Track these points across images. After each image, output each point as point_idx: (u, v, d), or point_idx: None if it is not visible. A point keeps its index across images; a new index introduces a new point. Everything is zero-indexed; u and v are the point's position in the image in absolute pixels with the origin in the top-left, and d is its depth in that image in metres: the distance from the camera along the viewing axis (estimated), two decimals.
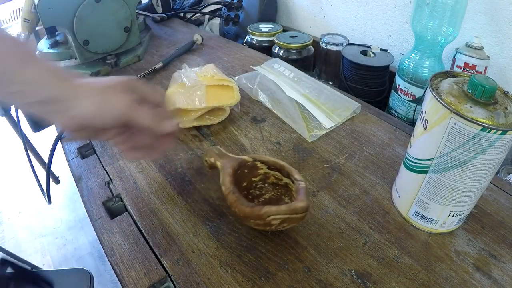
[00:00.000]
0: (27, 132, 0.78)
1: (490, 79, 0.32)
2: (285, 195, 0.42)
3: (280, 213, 0.36)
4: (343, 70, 0.71)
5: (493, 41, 0.61)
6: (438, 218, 0.39)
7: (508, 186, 0.46)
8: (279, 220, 0.36)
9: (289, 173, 0.41)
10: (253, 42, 0.88)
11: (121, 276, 0.37)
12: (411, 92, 0.62)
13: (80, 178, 0.50)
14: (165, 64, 0.76)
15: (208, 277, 0.37)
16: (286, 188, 0.42)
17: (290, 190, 0.41)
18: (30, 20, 0.67)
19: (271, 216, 0.35)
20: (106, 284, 1.18)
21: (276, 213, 0.35)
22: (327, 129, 0.56)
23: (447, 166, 0.35)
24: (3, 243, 1.34)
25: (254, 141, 0.55)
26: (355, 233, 0.41)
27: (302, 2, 0.96)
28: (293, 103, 0.61)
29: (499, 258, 0.38)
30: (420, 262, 0.37)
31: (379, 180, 0.47)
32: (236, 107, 0.61)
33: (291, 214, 0.36)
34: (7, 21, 1.89)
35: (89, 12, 0.69)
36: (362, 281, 0.36)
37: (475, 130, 0.31)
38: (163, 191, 0.47)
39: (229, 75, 0.70)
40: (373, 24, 0.81)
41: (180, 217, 0.43)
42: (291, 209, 0.36)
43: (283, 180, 0.42)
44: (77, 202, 1.46)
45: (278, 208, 0.36)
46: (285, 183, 0.42)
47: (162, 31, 0.97)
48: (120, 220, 0.43)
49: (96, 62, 0.76)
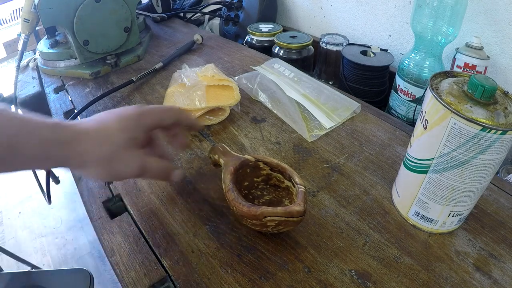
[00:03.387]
0: None
1: (490, 79, 0.32)
2: (285, 198, 0.42)
3: (276, 215, 0.35)
4: (343, 70, 0.71)
5: (493, 41, 0.61)
6: (438, 218, 0.39)
7: (508, 186, 0.46)
8: (275, 222, 0.36)
9: (291, 176, 0.40)
10: (253, 42, 0.88)
11: (121, 276, 0.37)
12: (411, 92, 0.62)
13: (80, 178, 0.50)
14: (165, 64, 0.76)
15: (208, 277, 0.37)
16: (287, 191, 0.42)
17: (291, 194, 0.41)
18: (30, 20, 0.67)
19: (267, 217, 0.35)
20: (106, 284, 1.18)
21: (272, 215, 0.35)
22: (327, 129, 0.56)
23: (447, 166, 0.35)
24: (3, 243, 1.34)
25: (254, 141, 0.55)
26: (355, 233, 0.41)
27: (302, 2, 0.96)
28: (293, 103, 0.61)
29: (499, 258, 0.38)
30: (420, 262, 0.37)
31: (379, 180, 0.47)
32: (236, 107, 0.61)
33: (287, 217, 0.36)
34: (7, 21, 1.89)
35: (89, 12, 0.69)
36: (362, 281, 0.36)
37: (475, 130, 0.31)
38: (163, 191, 0.47)
39: (229, 75, 0.70)
40: (373, 24, 0.81)
41: (180, 217, 0.43)
42: (287, 212, 0.35)
43: (285, 183, 0.42)
44: (77, 202, 1.46)
45: (274, 210, 0.35)
46: (287, 186, 0.42)
47: (162, 31, 0.97)
48: (120, 220, 0.43)
49: (96, 62, 0.76)
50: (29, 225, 1.41)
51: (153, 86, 0.71)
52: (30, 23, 0.68)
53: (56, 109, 0.66)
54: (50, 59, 0.77)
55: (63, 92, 0.72)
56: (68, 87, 0.72)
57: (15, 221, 1.43)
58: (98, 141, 0.34)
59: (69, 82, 0.74)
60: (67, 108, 0.66)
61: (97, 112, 0.38)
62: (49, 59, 0.77)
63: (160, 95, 0.67)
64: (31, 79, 0.81)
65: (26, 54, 0.86)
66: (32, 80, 0.81)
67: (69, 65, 0.76)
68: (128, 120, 0.36)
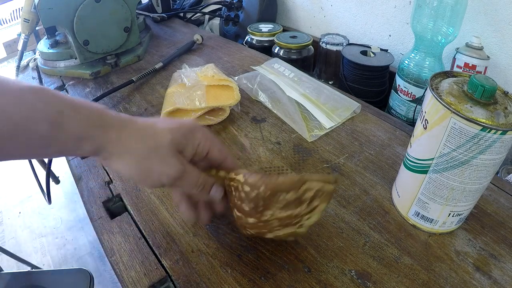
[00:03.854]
0: None
1: (490, 79, 0.32)
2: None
3: (316, 179, 0.31)
4: (343, 70, 0.71)
5: (493, 41, 0.61)
6: (438, 218, 0.39)
7: (508, 186, 0.46)
8: (312, 191, 0.32)
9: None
10: (253, 42, 0.88)
11: (121, 276, 0.37)
12: (411, 92, 0.62)
13: (80, 178, 0.50)
14: (165, 64, 0.76)
15: (208, 277, 0.37)
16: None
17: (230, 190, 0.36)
18: (30, 20, 0.67)
19: (306, 184, 0.31)
20: (106, 284, 1.18)
21: (313, 179, 0.31)
22: (327, 129, 0.56)
23: (447, 166, 0.35)
24: (3, 243, 1.34)
25: (254, 141, 0.55)
26: (355, 233, 0.41)
27: (302, 2, 0.96)
28: (293, 103, 0.61)
29: (499, 258, 0.38)
30: (420, 262, 0.37)
31: (379, 180, 0.47)
32: (236, 107, 0.61)
33: (325, 183, 0.32)
34: (7, 21, 1.89)
35: (89, 12, 0.69)
36: (362, 281, 0.36)
37: (475, 130, 0.31)
38: (163, 191, 0.47)
39: (229, 75, 0.70)
40: (373, 24, 0.81)
41: (180, 217, 0.43)
42: (324, 178, 0.31)
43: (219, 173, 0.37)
44: (77, 202, 1.46)
45: (311, 175, 0.32)
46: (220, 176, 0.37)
47: (162, 31, 0.97)
48: (120, 220, 0.43)
49: (96, 62, 0.76)
50: (29, 225, 1.41)
51: (153, 86, 0.71)
52: (30, 23, 0.68)
53: None
54: (50, 59, 0.77)
55: (63, 92, 0.72)
56: (68, 87, 0.72)
57: (15, 221, 1.43)
58: (144, 134, 0.32)
59: (69, 82, 0.74)
60: None
61: None
62: (49, 59, 0.77)
63: (160, 95, 0.67)
64: (31, 79, 0.81)
65: (26, 54, 0.86)
66: (32, 80, 0.81)
67: (69, 65, 0.76)
68: (180, 128, 0.33)
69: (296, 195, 0.31)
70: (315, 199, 0.32)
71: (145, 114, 0.62)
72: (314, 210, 0.33)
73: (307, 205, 0.32)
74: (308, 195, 0.32)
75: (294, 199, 0.31)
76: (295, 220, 0.33)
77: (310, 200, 0.32)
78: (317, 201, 0.32)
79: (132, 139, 0.31)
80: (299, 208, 0.32)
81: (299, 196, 0.31)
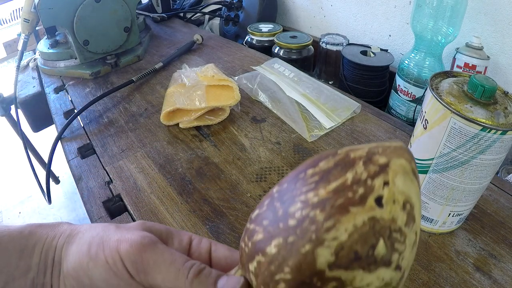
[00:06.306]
0: (27, 132, 0.78)
1: (490, 79, 0.32)
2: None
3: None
4: (343, 70, 0.71)
5: (493, 41, 0.61)
6: (438, 218, 0.39)
7: (508, 186, 0.46)
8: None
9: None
10: (253, 42, 0.88)
11: None
12: (411, 92, 0.62)
13: (80, 178, 0.50)
14: (165, 64, 0.76)
15: None
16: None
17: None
18: (30, 20, 0.67)
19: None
20: None
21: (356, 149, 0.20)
22: (327, 129, 0.56)
23: (447, 166, 0.35)
24: None
25: (254, 141, 0.55)
26: None
27: (302, 2, 0.96)
28: (293, 103, 0.61)
29: (499, 258, 0.38)
30: (420, 262, 0.37)
31: None
32: (236, 107, 0.61)
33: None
34: (7, 21, 1.90)
35: (89, 12, 0.69)
36: None
37: (475, 130, 0.31)
38: (163, 191, 0.47)
39: (229, 75, 0.70)
40: (373, 24, 0.81)
41: (180, 217, 0.43)
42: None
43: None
44: (77, 202, 1.46)
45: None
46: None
47: (162, 31, 0.97)
48: (120, 220, 0.43)
49: (96, 62, 0.76)
50: None
51: (153, 86, 0.71)
52: (30, 23, 0.68)
53: (56, 109, 0.66)
54: (50, 59, 0.77)
55: (63, 92, 0.72)
56: (68, 87, 0.72)
57: (15, 221, 1.43)
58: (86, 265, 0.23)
59: (69, 82, 0.74)
60: (67, 108, 0.66)
61: (97, 112, 0.37)
62: (49, 59, 0.77)
63: (160, 95, 0.67)
64: (31, 79, 0.81)
65: (26, 54, 0.86)
66: (32, 80, 0.81)
67: (69, 65, 0.76)
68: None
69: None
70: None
71: (145, 114, 0.62)
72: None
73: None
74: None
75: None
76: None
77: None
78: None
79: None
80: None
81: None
